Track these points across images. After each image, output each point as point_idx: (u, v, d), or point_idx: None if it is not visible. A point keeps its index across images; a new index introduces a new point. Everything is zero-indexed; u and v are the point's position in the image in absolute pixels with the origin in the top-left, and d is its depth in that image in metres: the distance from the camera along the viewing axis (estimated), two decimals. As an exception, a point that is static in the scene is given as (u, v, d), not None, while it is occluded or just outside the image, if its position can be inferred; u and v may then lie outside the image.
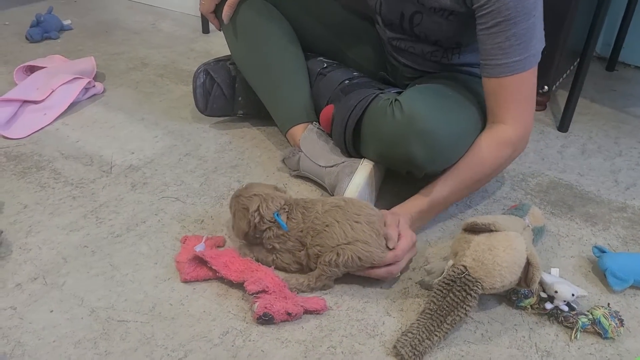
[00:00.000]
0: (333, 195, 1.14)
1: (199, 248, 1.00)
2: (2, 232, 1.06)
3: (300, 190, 1.22)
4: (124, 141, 1.38)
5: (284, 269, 1.00)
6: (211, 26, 2.03)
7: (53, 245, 1.06)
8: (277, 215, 0.98)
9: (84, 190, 1.20)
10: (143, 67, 1.76)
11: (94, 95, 1.58)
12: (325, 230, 0.95)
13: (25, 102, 1.47)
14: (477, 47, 1.08)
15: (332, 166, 1.15)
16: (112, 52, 1.84)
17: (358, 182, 1.09)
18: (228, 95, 1.40)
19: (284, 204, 1.00)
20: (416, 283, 1.00)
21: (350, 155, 1.16)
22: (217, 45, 1.93)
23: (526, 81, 1.02)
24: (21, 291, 0.96)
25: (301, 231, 0.97)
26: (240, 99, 1.40)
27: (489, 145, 1.05)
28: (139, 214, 1.14)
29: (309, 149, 1.20)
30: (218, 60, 1.42)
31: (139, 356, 0.85)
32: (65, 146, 1.35)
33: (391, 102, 1.04)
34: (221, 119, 1.47)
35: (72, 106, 1.50)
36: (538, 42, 1.01)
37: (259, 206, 0.98)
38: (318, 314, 0.93)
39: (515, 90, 1.02)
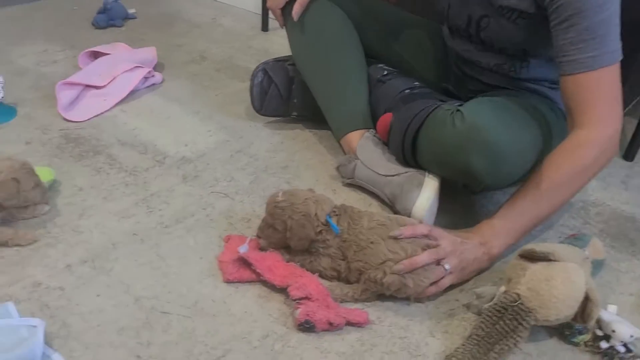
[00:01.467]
0: (396, 205, 1.12)
1: (243, 249, 0.99)
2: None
3: (347, 198, 1.20)
4: (179, 132, 1.39)
5: (319, 273, 0.97)
6: (271, 24, 2.03)
7: (104, 230, 1.07)
8: (330, 217, 0.97)
9: (137, 178, 1.22)
10: (201, 61, 1.77)
11: (153, 84, 1.60)
12: (369, 247, 0.93)
13: (87, 86, 1.51)
14: (546, 59, 1.04)
15: (393, 175, 1.13)
16: (173, 44, 1.87)
17: (428, 195, 1.07)
18: (284, 96, 1.39)
19: (334, 208, 0.99)
20: (463, 305, 0.96)
21: (408, 165, 1.13)
22: (276, 44, 1.93)
23: (604, 80, 0.96)
24: (70, 273, 0.98)
25: (344, 241, 0.96)
26: (295, 100, 1.40)
27: (565, 150, 0.98)
28: (188, 206, 1.15)
29: (367, 157, 1.18)
30: (277, 60, 1.41)
31: (179, 351, 0.85)
32: (122, 133, 1.37)
33: (452, 112, 1.02)
34: (274, 118, 1.46)
35: (131, 94, 1.52)
36: (614, 39, 0.95)
37: (316, 209, 0.96)
38: (360, 326, 0.91)
39: (592, 89, 0.96)
